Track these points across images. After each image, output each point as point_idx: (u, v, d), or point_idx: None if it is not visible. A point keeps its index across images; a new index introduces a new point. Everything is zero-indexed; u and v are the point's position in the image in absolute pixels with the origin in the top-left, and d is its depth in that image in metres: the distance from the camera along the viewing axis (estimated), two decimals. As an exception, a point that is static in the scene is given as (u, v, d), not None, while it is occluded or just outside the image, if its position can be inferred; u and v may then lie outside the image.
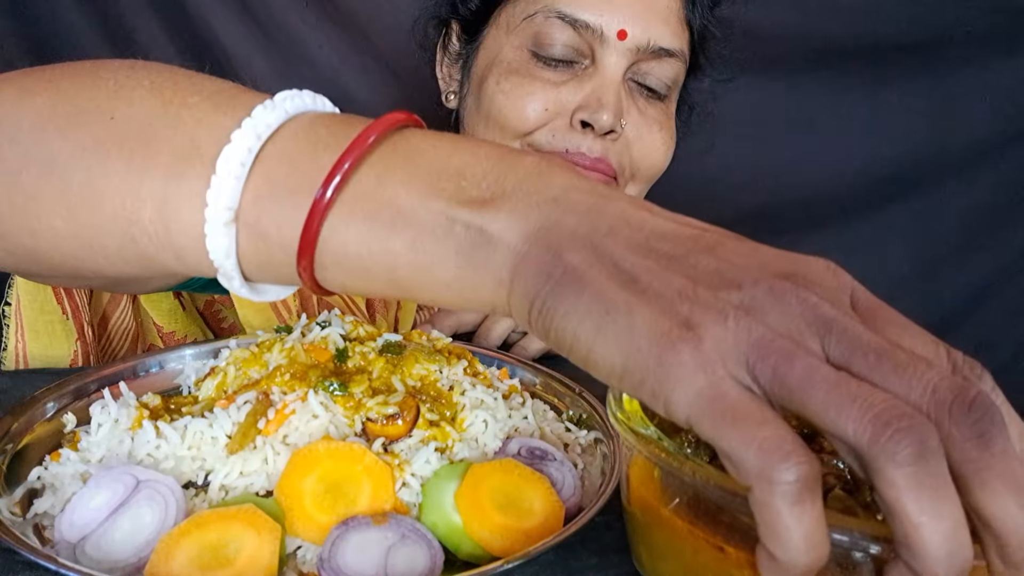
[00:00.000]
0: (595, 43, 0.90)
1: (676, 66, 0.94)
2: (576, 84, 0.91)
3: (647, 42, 0.90)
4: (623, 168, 0.95)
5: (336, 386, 0.54)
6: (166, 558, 0.42)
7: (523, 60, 0.92)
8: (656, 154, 0.96)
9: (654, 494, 0.43)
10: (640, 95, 0.94)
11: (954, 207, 1.63)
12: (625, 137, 0.93)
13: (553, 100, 0.91)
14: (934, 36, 1.50)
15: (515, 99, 0.92)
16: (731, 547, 0.39)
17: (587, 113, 0.89)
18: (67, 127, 0.41)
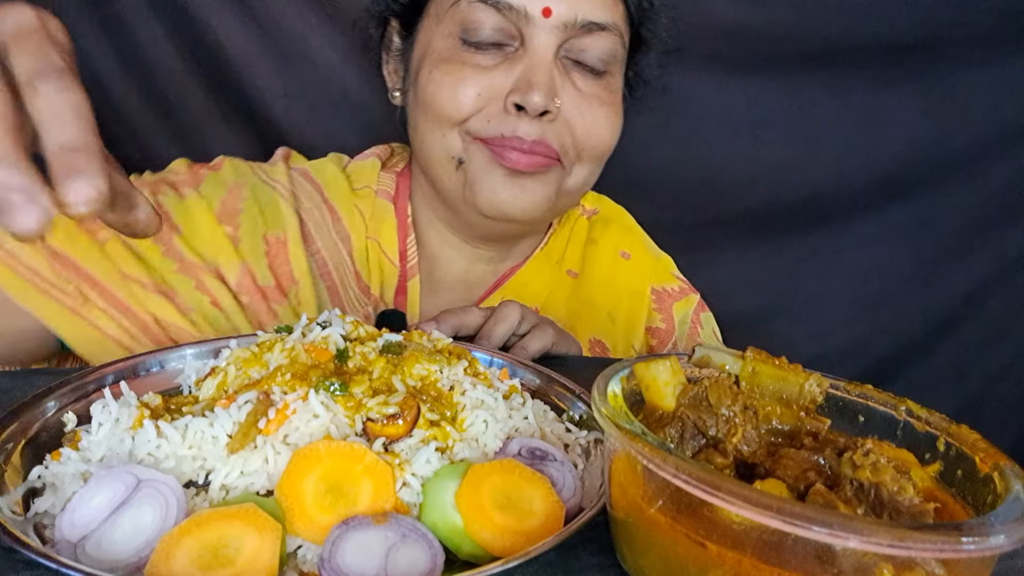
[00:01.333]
0: (521, 23, 0.89)
1: (611, 40, 0.92)
2: (507, 67, 0.90)
3: (574, 17, 0.88)
4: (566, 149, 0.94)
5: (337, 386, 0.54)
6: (166, 558, 0.42)
7: (453, 48, 0.92)
8: (599, 131, 0.95)
9: (636, 489, 0.43)
10: (577, 72, 0.93)
11: (954, 207, 1.63)
12: (564, 117, 0.92)
13: (485, 85, 0.90)
14: (934, 36, 1.49)
15: (446, 87, 0.91)
16: (712, 542, 0.39)
17: (519, 95, 0.88)
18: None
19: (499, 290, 1.09)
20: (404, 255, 1.06)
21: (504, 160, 0.91)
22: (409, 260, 1.06)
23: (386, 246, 1.05)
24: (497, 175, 0.93)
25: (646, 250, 1.24)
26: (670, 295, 1.19)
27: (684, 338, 1.17)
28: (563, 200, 1.00)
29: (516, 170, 0.91)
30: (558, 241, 1.16)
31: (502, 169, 0.92)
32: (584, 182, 1.00)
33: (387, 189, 1.08)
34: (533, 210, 0.95)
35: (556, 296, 1.11)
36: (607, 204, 1.28)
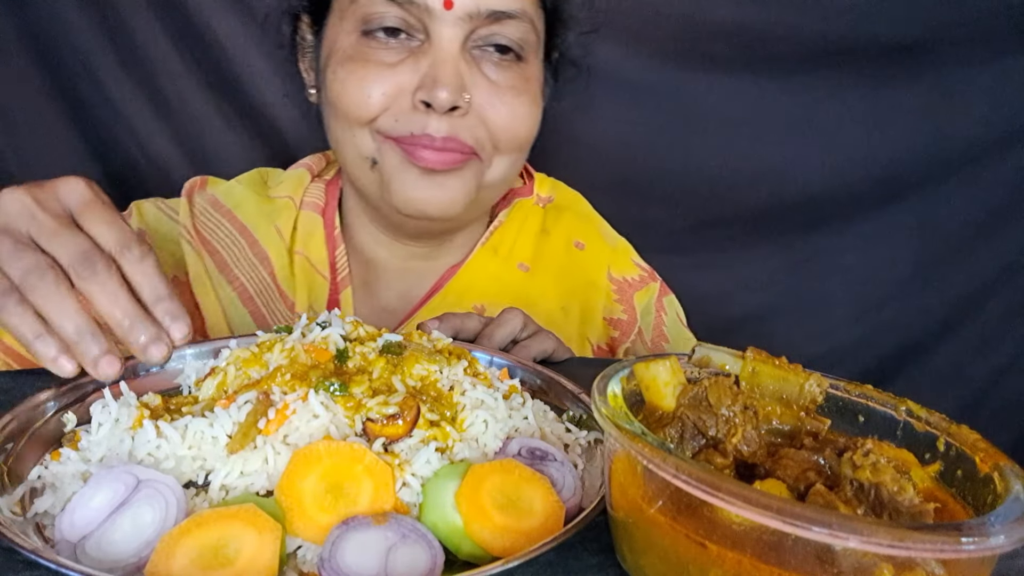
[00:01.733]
0: (424, 17, 0.86)
1: (520, 27, 0.89)
2: (413, 62, 0.87)
3: (477, 8, 0.85)
4: (481, 142, 0.91)
5: (337, 386, 0.54)
6: (166, 558, 0.42)
7: (356, 44, 0.89)
8: (514, 121, 0.92)
9: (636, 490, 0.43)
10: (487, 63, 0.90)
11: (954, 207, 1.63)
12: (476, 110, 0.89)
13: (391, 83, 0.87)
14: (934, 36, 1.49)
15: (351, 87, 0.88)
16: (712, 542, 0.39)
17: (425, 92, 0.85)
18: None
19: (441, 291, 1.06)
20: (334, 267, 1.04)
21: (416, 159, 0.89)
22: (340, 272, 1.04)
23: (315, 260, 1.03)
24: (411, 174, 0.91)
25: (602, 238, 1.20)
26: (631, 284, 1.17)
27: (650, 328, 1.15)
28: (486, 193, 0.98)
29: (430, 168, 0.89)
30: (507, 233, 1.12)
31: (416, 168, 0.90)
32: (506, 173, 0.97)
33: (315, 201, 1.07)
34: (451, 207, 0.93)
35: (504, 291, 1.07)
36: (562, 191, 1.24)
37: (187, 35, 1.38)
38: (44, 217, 0.58)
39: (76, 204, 0.60)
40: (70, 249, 0.57)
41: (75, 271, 0.56)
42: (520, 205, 1.15)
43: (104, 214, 0.60)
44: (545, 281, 1.11)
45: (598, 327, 1.13)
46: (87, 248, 0.57)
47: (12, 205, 0.58)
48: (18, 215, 0.58)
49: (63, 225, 0.58)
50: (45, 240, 0.57)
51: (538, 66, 0.96)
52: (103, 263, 0.57)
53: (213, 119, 1.44)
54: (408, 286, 1.08)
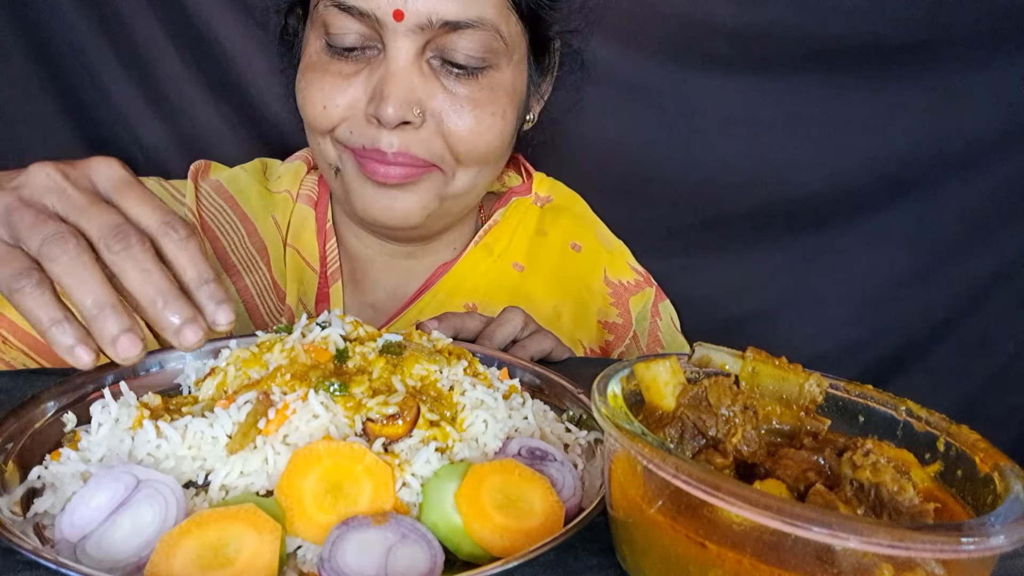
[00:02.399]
0: (378, 28, 0.83)
1: (480, 36, 0.85)
2: (368, 74, 0.86)
3: (429, 18, 0.82)
4: (439, 155, 0.89)
5: (337, 386, 0.54)
6: (166, 558, 0.42)
7: (319, 53, 0.88)
8: (473, 136, 0.88)
9: (636, 490, 0.43)
10: (447, 75, 0.87)
11: (954, 207, 1.63)
12: (434, 122, 0.87)
13: (346, 95, 0.86)
14: (934, 36, 1.49)
15: (310, 96, 0.88)
16: (712, 542, 0.39)
17: (373, 107, 0.84)
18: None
19: (431, 289, 1.05)
20: (324, 260, 1.04)
21: (368, 172, 0.88)
22: (330, 265, 1.04)
23: (306, 253, 1.03)
24: (367, 186, 0.90)
25: (598, 241, 1.19)
26: (626, 288, 1.16)
27: (645, 333, 1.14)
28: (452, 203, 0.96)
29: (382, 182, 0.88)
30: (502, 232, 1.11)
31: (370, 181, 0.89)
32: (472, 184, 0.95)
33: (309, 193, 1.06)
34: (408, 219, 0.92)
35: (497, 291, 1.07)
36: (561, 191, 1.23)
37: (187, 35, 1.38)
38: (74, 192, 0.54)
39: (111, 183, 0.56)
40: (101, 221, 0.53)
41: (106, 244, 0.52)
42: (517, 204, 1.15)
43: (142, 193, 0.56)
44: (539, 281, 1.10)
45: (592, 330, 1.12)
46: (120, 222, 0.53)
47: (39, 178, 0.55)
48: (45, 189, 0.54)
49: (94, 201, 0.54)
50: (75, 214, 0.53)
51: (513, 73, 0.92)
52: (137, 237, 0.53)
53: (213, 119, 1.44)
54: (397, 283, 1.08)
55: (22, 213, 0.53)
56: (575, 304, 1.12)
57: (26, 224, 0.52)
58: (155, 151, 1.42)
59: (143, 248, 0.53)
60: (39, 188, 0.54)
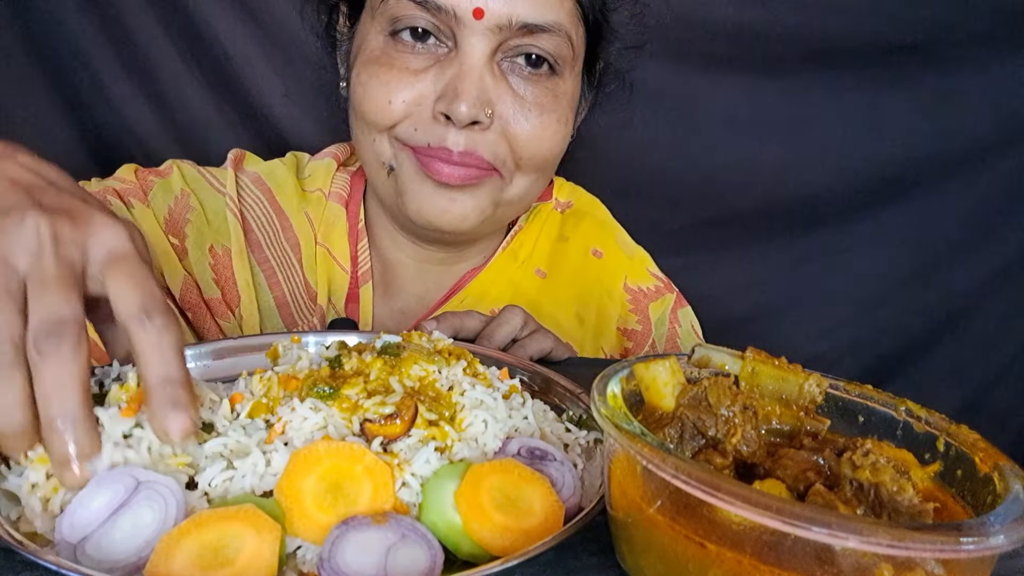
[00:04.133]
0: (453, 24, 0.82)
1: (554, 41, 0.85)
2: (438, 71, 0.84)
3: (508, 19, 0.81)
4: (502, 159, 0.88)
5: (326, 390, 0.54)
6: (166, 558, 0.42)
7: (383, 47, 0.86)
8: (537, 141, 0.88)
9: (636, 490, 0.43)
10: (517, 77, 0.86)
11: (954, 207, 1.63)
12: (500, 125, 0.86)
13: (413, 90, 0.84)
14: (934, 36, 1.49)
15: (373, 91, 0.86)
16: (711, 542, 0.39)
17: (445, 104, 0.82)
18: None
19: (458, 294, 1.05)
20: (355, 260, 1.03)
21: (431, 171, 0.86)
22: (361, 266, 1.03)
23: (337, 252, 1.02)
24: (426, 186, 0.89)
25: (619, 247, 1.19)
26: (646, 295, 1.15)
27: (663, 340, 1.14)
28: (504, 210, 0.96)
29: (444, 182, 0.87)
30: (526, 238, 1.11)
31: (430, 180, 0.88)
32: (527, 192, 0.95)
33: (340, 192, 1.05)
34: (463, 223, 0.91)
35: (521, 298, 1.06)
36: (581, 196, 1.23)
37: (187, 35, 1.38)
38: (50, 263, 0.47)
39: (105, 255, 0.49)
40: (47, 310, 0.46)
41: (35, 340, 0.45)
42: (539, 209, 1.14)
43: (135, 271, 0.49)
44: (561, 288, 1.10)
45: (612, 337, 1.12)
46: (64, 319, 0.46)
47: (27, 232, 0.48)
48: (25, 247, 0.47)
49: (63, 283, 0.47)
50: (32, 288, 0.47)
51: (573, 82, 0.92)
52: (71, 342, 0.45)
53: (213, 119, 1.44)
54: (426, 289, 1.07)
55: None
56: (597, 311, 1.12)
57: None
58: (155, 151, 1.42)
59: (73, 356, 0.45)
60: (21, 243, 0.47)
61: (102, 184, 0.95)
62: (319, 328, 0.96)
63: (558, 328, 0.94)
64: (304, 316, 0.99)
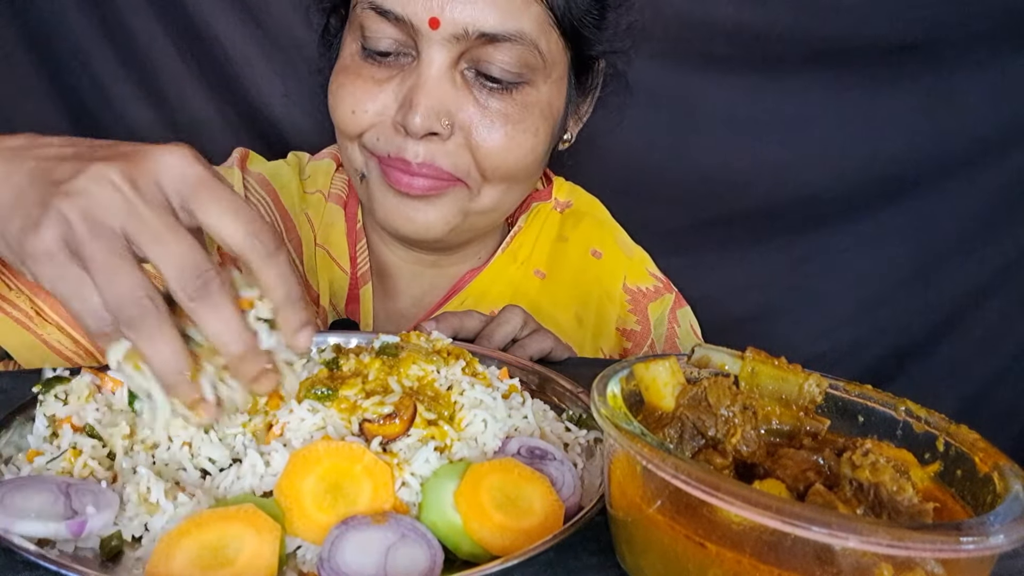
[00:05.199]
0: (413, 34, 0.82)
1: (517, 50, 0.82)
2: (400, 81, 0.84)
3: (465, 29, 0.80)
4: (465, 170, 0.87)
5: (323, 391, 0.54)
6: (166, 558, 0.42)
7: (354, 56, 0.87)
8: (501, 152, 0.86)
9: (636, 490, 0.43)
10: (481, 88, 0.85)
11: (954, 207, 1.63)
12: (463, 136, 0.85)
13: (376, 101, 0.85)
14: (934, 36, 1.49)
15: (339, 100, 0.87)
16: (711, 542, 0.39)
17: (401, 115, 0.82)
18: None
19: (458, 295, 1.04)
20: (354, 261, 1.03)
21: (392, 181, 0.87)
22: (360, 266, 1.02)
23: (336, 253, 1.01)
24: (389, 196, 0.89)
25: (618, 248, 1.18)
26: (645, 295, 1.15)
27: (662, 340, 1.14)
28: (476, 219, 0.94)
29: (405, 192, 0.87)
30: (525, 239, 1.10)
31: (393, 190, 0.88)
32: (498, 202, 0.93)
33: (339, 192, 1.05)
34: (428, 232, 0.91)
35: (520, 298, 1.04)
36: (580, 196, 1.22)
37: (187, 35, 1.38)
38: (146, 211, 0.47)
39: (185, 186, 0.48)
40: (179, 257, 0.46)
41: (183, 288, 0.46)
42: (538, 210, 1.13)
43: (223, 198, 0.49)
44: (560, 289, 1.10)
45: (611, 338, 1.12)
46: (199, 260, 0.47)
47: (103, 192, 0.46)
48: (110, 205, 0.46)
49: (168, 223, 0.47)
50: (146, 242, 0.46)
51: (550, 90, 0.90)
52: (217, 281, 0.47)
53: (213, 119, 1.44)
54: (424, 290, 1.07)
55: (89, 246, 0.46)
56: (596, 311, 1.11)
57: (98, 265, 0.46)
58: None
59: (222, 293, 0.48)
60: (104, 204, 0.46)
61: None
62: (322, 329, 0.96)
63: (558, 329, 0.94)
64: None
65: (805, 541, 0.36)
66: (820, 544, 0.36)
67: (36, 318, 0.80)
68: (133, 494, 0.47)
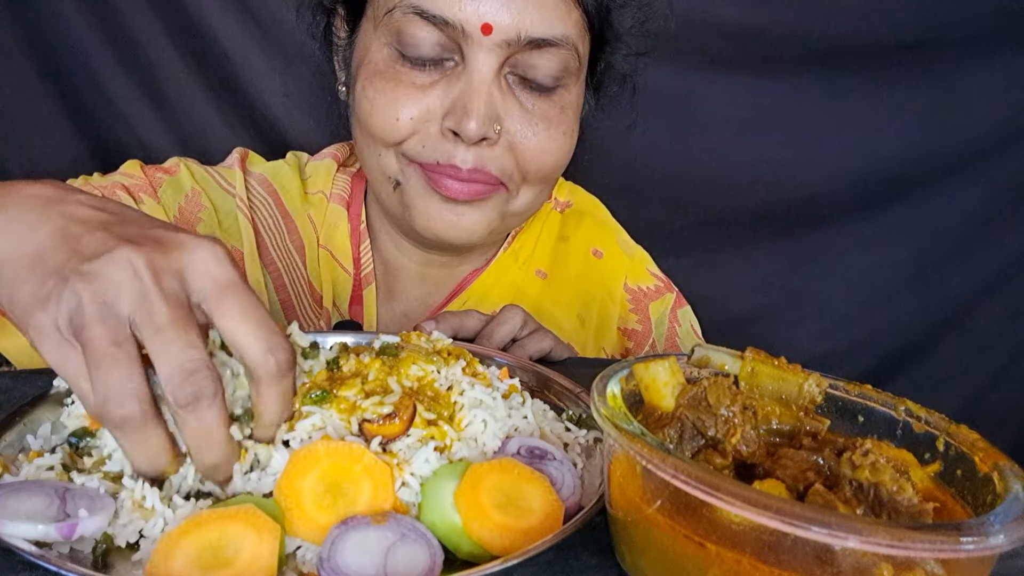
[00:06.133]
0: (460, 39, 0.81)
1: (561, 55, 0.84)
2: (445, 86, 0.83)
3: (517, 34, 0.80)
4: (508, 174, 0.87)
5: (319, 393, 0.54)
6: (166, 558, 0.42)
7: (389, 61, 0.85)
8: (544, 155, 0.88)
9: (635, 490, 0.43)
10: (524, 91, 0.85)
11: (954, 207, 1.63)
12: (507, 139, 0.85)
13: (420, 107, 0.83)
14: (934, 36, 1.50)
15: (380, 107, 0.84)
16: (711, 542, 0.39)
17: (454, 121, 0.82)
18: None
19: (460, 295, 1.05)
20: (358, 262, 1.02)
21: (440, 188, 0.86)
22: (363, 267, 1.02)
23: (339, 254, 1.01)
24: (433, 201, 0.88)
25: (619, 247, 1.18)
26: (646, 295, 1.15)
27: (662, 339, 1.14)
28: (508, 221, 0.96)
29: (453, 198, 0.87)
30: (527, 239, 1.11)
31: (438, 195, 0.87)
32: (531, 203, 0.95)
33: (341, 193, 1.04)
34: (471, 236, 0.91)
35: (522, 299, 1.05)
36: (581, 196, 1.22)
37: (187, 35, 1.38)
38: (158, 301, 0.44)
39: (210, 286, 0.46)
40: (173, 359, 0.44)
41: (173, 392, 0.44)
42: (539, 211, 1.13)
43: (246, 303, 0.46)
44: (562, 289, 1.10)
45: (613, 338, 1.12)
46: (197, 365, 0.45)
47: (122, 273, 0.45)
48: (125, 289, 0.44)
49: (175, 318, 0.45)
50: (149, 335, 0.44)
51: (578, 92, 0.91)
52: (210, 390, 0.45)
53: (213, 119, 1.44)
54: (428, 291, 1.07)
55: (92, 329, 0.43)
56: (598, 311, 1.11)
57: (94, 353, 0.43)
58: (155, 151, 1.42)
59: (211, 404, 0.45)
60: (118, 287, 0.44)
61: (107, 179, 0.94)
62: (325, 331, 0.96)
63: (560, 329, 0.94)
64: (309, 319, 0.99)
65: (805, 541, 0.36)
66: (820, 544, 0.36)
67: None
68: (127, 500, 0.47)
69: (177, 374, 0.44)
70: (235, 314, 0.46)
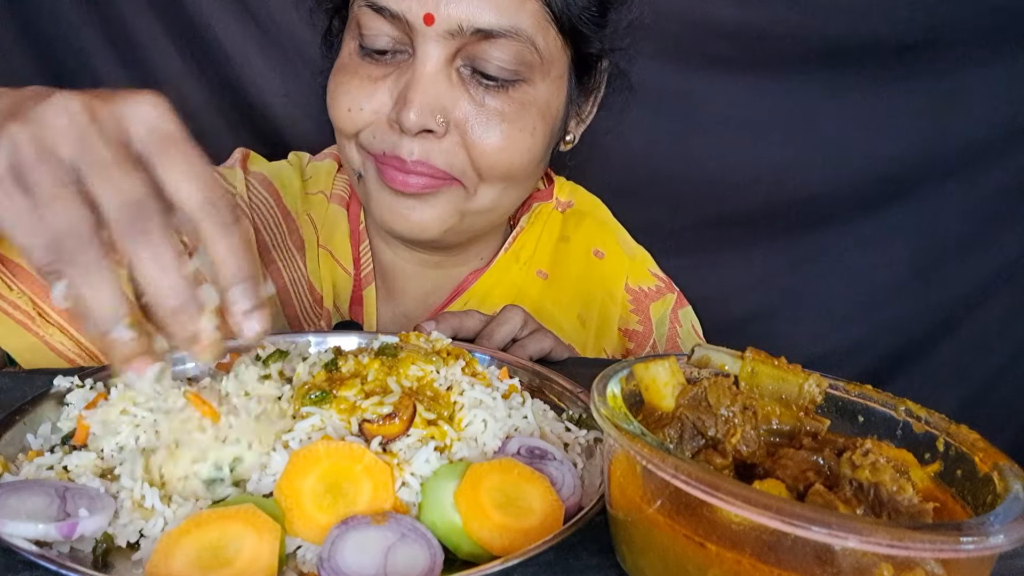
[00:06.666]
0: (409, 31, 0.81)
1: (513, 47, 0.81)
2: (395, 78, 0.84)
3: (459, 25, 0.79)
4: (460, 169, 0.86)
5: (317, 395, 0.54)
6: (166, 558, 0.42)
7: (352, 54, 0.87)
8: (498, 152, 0.85)
9: (636, 490, 0.43)
10: (477, 85, 0.84)
11: (954, 207, 1.63)
12: (458, 134, 0.84)
13: (372, 99, 0.84)
14: (934, 36, 1.49)
15: (335, 98, 0.87)
16: (711, 542, 0.39)
17: (396, 112, 0.82)
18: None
19: (461, 296, 1.04)
20: (358, 262, 1.02)
21: (387, 179, 0.86)
22: (363, 268, 1.02)
23: (339, 254, 1.01)
24: (384, 194, 0.88)
25: (620, 248, 1.18)
26: (647, 295, 1.15)
27: (663, 340, 1.14)
28: (473, 219, 0.93)
29: (400, 191, 0.86)
30: (527, 239, 1.10)
31: (388, 188, 0.87)
32: (496, 203, 0.92)
33: (341, 193, 1.05)
34: (423, 232, 0.90)
35: (523, 300, 1.04)
36: (582, 196, 1.22)
37: (187, 35, 1.38)
38: (97, 143, 0.44)
39: (150, 135, 0.46)
40: (121, 192, 0.43)
41: (119, 224, 0.43)
42: (540, 210, 1.13)
43: (188, 155, 0.46)
44: (563, 289, 1.09)
45: (614, 338, 1.12)
46: (142, 196, 0.44)
47: (60, 117, 0.44)
48: (64, 133, 0.44)
49: (119, 159, 0.44)
50: (92, 174, 0.43)
51: (548, 88, 0.89)
52: (158, 220, 0.44)
53: (213, 119, 1.44)
54: (427, 291, 1.06)
55: (35, 172, 0.43)
56: (599, 312, 1.11)
57: (41, 193, 0.43)
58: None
59: (162, 235, 0.44)
60: (57, 131, 0.44)
61: None
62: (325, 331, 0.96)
63: (561, 330, 0.93)
64: (310, 319, 0.99)
65: (805, 541, 0.36)
66: (820, 544, 0.36)
67: (38, 319, 0.80)
68: (127, 500, 0.47)
69: (124, 208, 0.43)
70: (178, 165, 0.45)
